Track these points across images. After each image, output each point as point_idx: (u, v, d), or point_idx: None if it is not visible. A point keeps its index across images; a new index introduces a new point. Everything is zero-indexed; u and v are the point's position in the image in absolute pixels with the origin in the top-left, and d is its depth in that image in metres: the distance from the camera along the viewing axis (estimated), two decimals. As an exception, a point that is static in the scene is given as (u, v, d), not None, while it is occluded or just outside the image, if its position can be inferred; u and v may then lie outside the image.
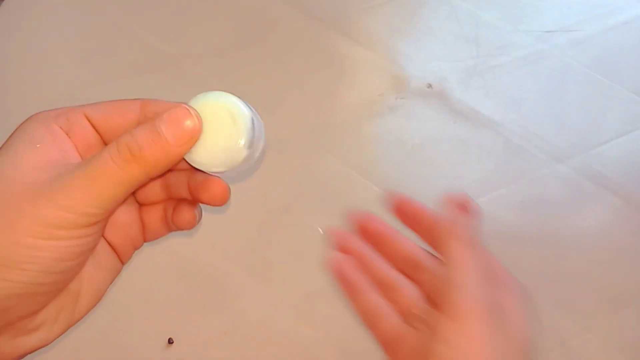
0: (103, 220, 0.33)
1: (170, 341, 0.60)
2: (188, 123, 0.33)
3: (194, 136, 0.33)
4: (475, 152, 0.75)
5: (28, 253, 0.31)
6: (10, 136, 0.34)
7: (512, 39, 0.86)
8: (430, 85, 0.81)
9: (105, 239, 0.38)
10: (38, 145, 0.33)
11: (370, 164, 0.73)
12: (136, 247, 0.39)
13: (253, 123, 0.34)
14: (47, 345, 0.35)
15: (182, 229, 0.39)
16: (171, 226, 0.39)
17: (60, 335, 0.36)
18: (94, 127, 0.35)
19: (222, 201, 0.36)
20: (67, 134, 0.34)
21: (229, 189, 0.36)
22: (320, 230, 0.68)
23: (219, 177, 0.36)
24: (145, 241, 0.40)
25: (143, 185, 0.35)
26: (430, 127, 0.77)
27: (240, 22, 0.87)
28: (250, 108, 0.35)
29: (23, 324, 0.33)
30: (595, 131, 0.77)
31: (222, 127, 0.34)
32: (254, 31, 0.86)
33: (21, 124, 0.34)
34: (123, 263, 0.39)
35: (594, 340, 0.61)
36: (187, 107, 0.33)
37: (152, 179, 0.34)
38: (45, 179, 0.32)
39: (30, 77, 0.80)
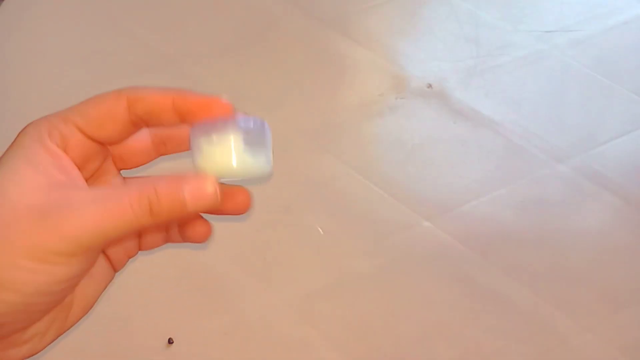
0: (103, 250, 0.34)
1: (170, 341, 0.60)
2: (210, 193, 0.33)
3: (212, 204, 0.34)
4: (475, 152, 0.75)
5: (23, 275, 0.31)
6: (8, 154, 0.33)
7: (512, 39, 0.86)
8: (430, 85, 0.81)
9: None
10: (40, 167, 0.33)
11: (370, 164, 0.73)
12: (130, 256, 0.39)
13: (242, 142, 0.34)
14: (37, 354, 0.35)
15: (195, 242, 0.38)
16: (168, 237, 0.39)
17: (50, 343, 0.36)
18: (87, 136, 0.35)
19: (246, 209, 0.36)
20: (64, 150, 0.34)
21: (252, 195, 0.36)
22: (320, 230, 0.68)
23: (240, 185, 0.36)
24: (140, 250, 0.40)
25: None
26: (430, 127, 0.77)
27: (240, 22, 0.87)
28: (239, 125, 0.34)
29: (15, 337, 0.34)
30: (595, 131, 0.77)
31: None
32: (254, 31, 0.86)
33: (15, 140, 0.34)
34: (116, 271, 0.39)
35: (594, 340, 0.61)
36: (215, 182, 0.34)
37: None
38: (52, 202, 0.31)
39: (30, 77, 0.80)
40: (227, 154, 0.34)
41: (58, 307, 0.35)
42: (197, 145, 0.34)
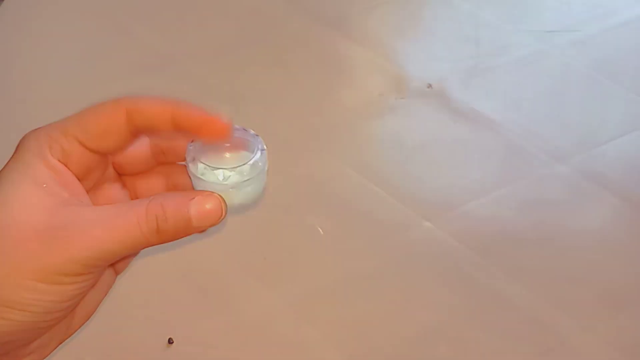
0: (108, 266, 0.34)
1: (170, 341, 0.60)
2: (216, 211, 0.34)
3: (217, 222, 0.34)
4: (476, 152, 0.75)
5: (31, 296, 0.31)
6: (9, 170, 0.33)
7: (512, 39, 0.87)
8: (430, 85, 0.81)
9: None
10: (44, 186, 0.32)
11: (370, 164, 0.73)
12: (133, 256, 0.39)
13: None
14: None
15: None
16: None
17: (52, 352, 0.36)
18: (87, 149, 0.35)
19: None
20: (65, 164, 0.34)
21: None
22: (320, 230, 0.68)
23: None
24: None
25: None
26: (430, 127, 0.77)
27: (240, 22, 0.87)
28: (239, 163, 0.34)
29: (19, 351, 0.34)
30: (595, 131, 0.77)
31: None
32: (254, 31, 0.86)
33: (15, 154, 0.33)
34: (118, 274, 0.39)
35: (594, 340, 0.61)
36: (221, 200, 0.34)
37: None
38: (57, 223, 0.31)
39: (30, 78, 0.80)
40: (228, 192, 0.34)
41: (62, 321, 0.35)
42: (196, 169, 0.34)
